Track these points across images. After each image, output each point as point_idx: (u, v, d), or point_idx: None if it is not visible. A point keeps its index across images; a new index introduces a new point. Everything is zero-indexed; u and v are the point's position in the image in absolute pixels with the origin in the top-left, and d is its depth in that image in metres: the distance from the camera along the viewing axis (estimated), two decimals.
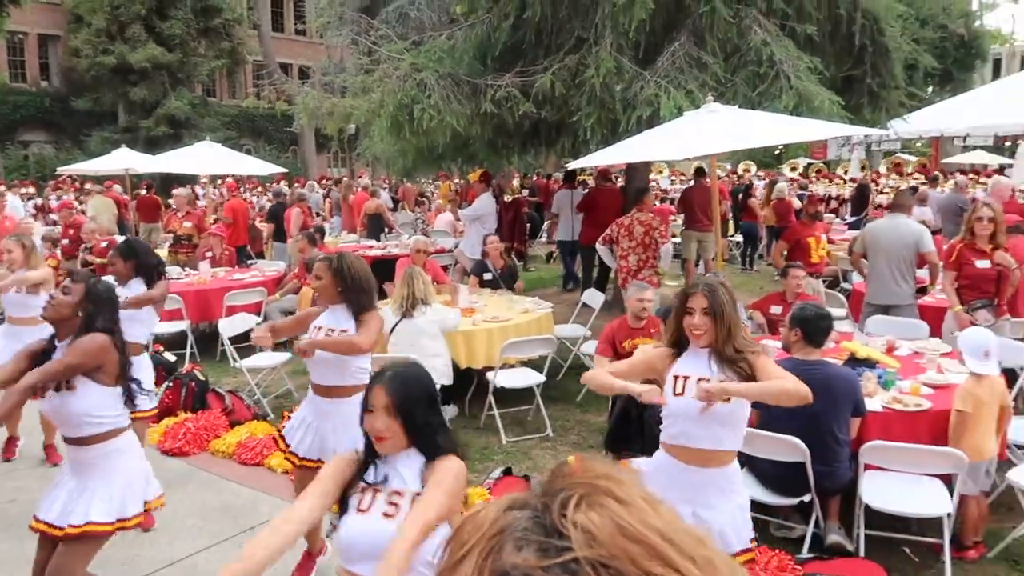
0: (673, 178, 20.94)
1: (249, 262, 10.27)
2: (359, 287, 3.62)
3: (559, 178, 13.32)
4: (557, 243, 11.22)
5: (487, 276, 7.34)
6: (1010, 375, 5.13)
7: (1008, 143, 18.33)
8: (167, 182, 17.18)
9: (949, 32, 18.14)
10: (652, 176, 21.48)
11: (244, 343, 6.86)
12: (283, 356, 6.44)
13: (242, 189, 17.91)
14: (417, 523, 2.03)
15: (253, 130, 32.14)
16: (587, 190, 10.56)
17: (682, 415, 2.82)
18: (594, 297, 7.30)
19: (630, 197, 7.94)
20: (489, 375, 5.74)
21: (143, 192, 14.33)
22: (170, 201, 12.07)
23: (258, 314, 7.54)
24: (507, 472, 4.84)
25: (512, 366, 6.01)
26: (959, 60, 19.14)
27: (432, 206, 14.76)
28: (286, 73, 31.96)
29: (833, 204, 16.76)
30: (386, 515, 2.18)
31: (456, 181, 16.20)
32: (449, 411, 5.91)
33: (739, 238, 13.41)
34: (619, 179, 11.82)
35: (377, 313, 3.70)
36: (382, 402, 2.20)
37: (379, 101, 7.78)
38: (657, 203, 16.08)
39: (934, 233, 8.80)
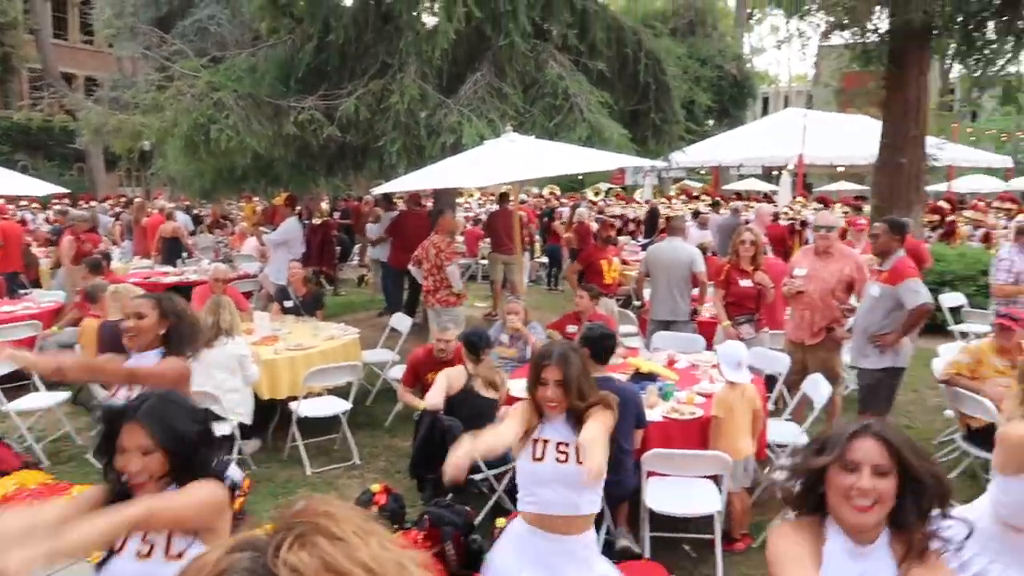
0: (483, 200, 21.48)
1: (22, 292, 9.26)
2: (188, 332, 3.25)
3: (370, 200, 13.25)
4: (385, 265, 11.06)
5: (288, 303, 7.16)
6: (772, 381, 5.79)
7: (775, 172, 20.64)
8: None
9: (725, 72, 20.19)
10: (464, 199, 21.97)
11: (12, 383, 6.19)
12: (60, 396, 5.89)
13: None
14: (145, 504, 1.89)
15: (29, 144, 29.00)
16: (396, 213, 10.60)
17: (537, 480, 2.80)
18: (402, 321, 7.34)
19: (433, 220, 8.10)
20: (292, 405, 5.59)
21: None
22: None
23: (31, 349, 6.81)
24: None
25: (318, 394, 5.90)
26: (734, 97, 21.33)
27: (236, 229, 14.12)
28: (70, 84, 29.27)
29: (631, 227, 17.92)
30: (140, 555, 2.02)
31: (261, 203, 15.62)
32: (251, 445, 5.69)
33: (545, 259, 14.02)
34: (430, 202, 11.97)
35: (189, 364, 3.27)
36: (137, 442, 2.00)
37: (172, 120, 7.38)
38: (468, 226, 16.49)
39: (714, 253, 9.74)
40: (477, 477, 4.73)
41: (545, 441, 2.81)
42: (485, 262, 12.43)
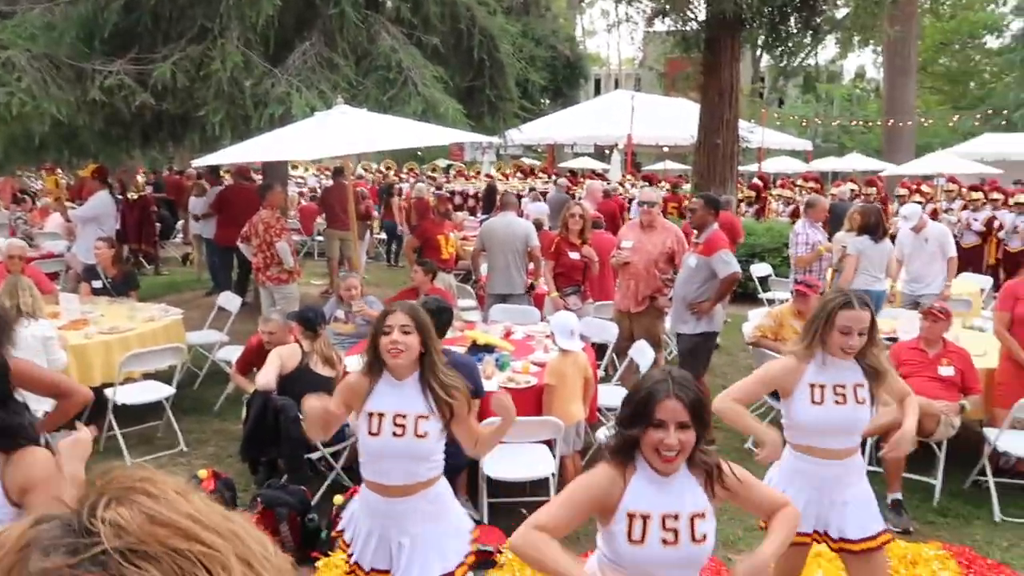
0: (320, 176, 20.82)
1: None
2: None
3: (192, 174, 12.43)
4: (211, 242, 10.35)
5: (96, 284, 6.62)
6: (600, 348, 6.09)
7: (607, 151, 21.53)
8: None
9: (558, 53, 20.69)
10: (299, 174, 21.19)
11: None
12: None
13: None
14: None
15: None
16: (222, 187, 10.02)
17: (374, 455, 2.74)
18: (231, 300, 6.99)
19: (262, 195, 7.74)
20: (108, 392, 5.18)
21: None
22: None
23: None
24: None
25: (135, 380, 5.51)
26: (567, 78, 21.95)
27: (37, 204, 12.80)
28: None
29: (471, 203, 18.07)
30: None
31: (67, 175, 14.24)
32: (60, 438, 5.22)
33: (383, 235, 13.85)
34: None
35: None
36: None
37: None
38: (303, 201, 15.93)
39: (550, 228, 10.01)
40: (314, 456, 4.63)
41: (380, 415, 2.70)
42: (321, 239, 12.07)
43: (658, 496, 2.14)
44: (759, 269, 9.68)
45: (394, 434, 2.68)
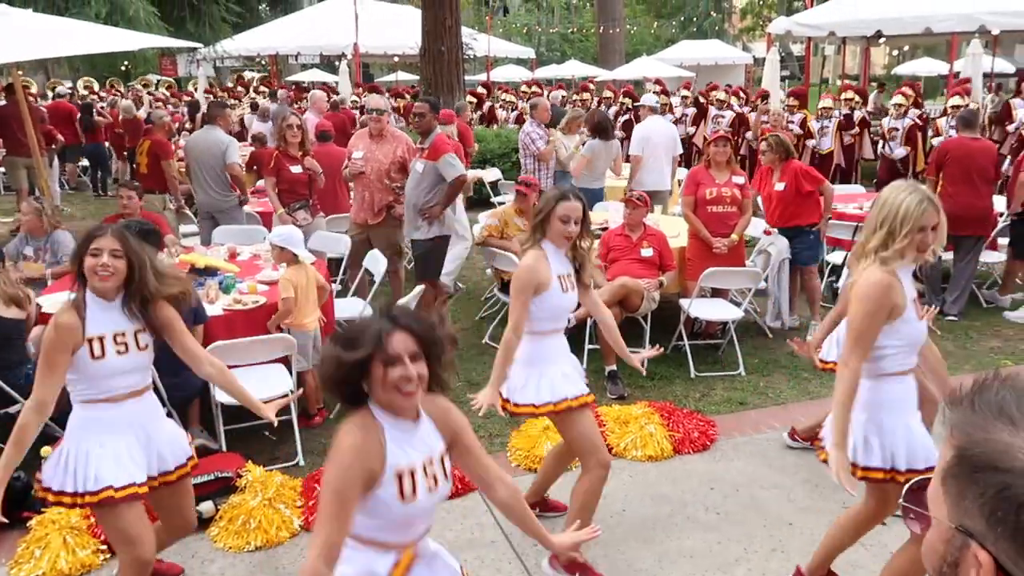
0: None
1: None
2: None
3: None
4: None
5: None
6: (337, 263, 6.00)
7: (337, 63, 20.66)
8: None
9: None
10: None
11: None
12: None
13: None
14: None
15: None
16: None
17: (109, 373, 2.72)
18: None
19: None
20: None
21: None
22: None
23: None
24: None
25: None
26: None
27: None
28: None
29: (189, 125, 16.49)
30: None
31: None
32: None
33: (85, 162, 12.23)
34: None
35: None
36: None
37: None
38: None
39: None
40: (12, 410, 4.10)
41: (101, 338, 2.67)
42: (3, 169, 10.39)
43: (412, 443, 2.01)
44: (490, 174, 10.01)
45: (118, 352, 2.69)
